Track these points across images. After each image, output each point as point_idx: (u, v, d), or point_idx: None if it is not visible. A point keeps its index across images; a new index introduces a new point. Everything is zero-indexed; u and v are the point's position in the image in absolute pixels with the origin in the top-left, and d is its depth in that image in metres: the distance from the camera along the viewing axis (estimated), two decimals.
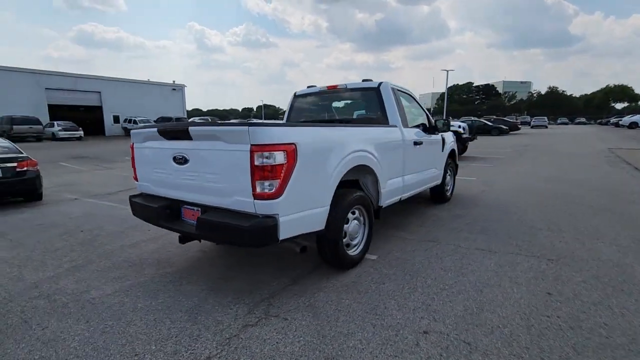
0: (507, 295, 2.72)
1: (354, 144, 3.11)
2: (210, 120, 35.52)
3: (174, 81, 39.24)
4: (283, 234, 2.48)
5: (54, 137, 25.50)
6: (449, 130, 5.00)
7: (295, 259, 3.49)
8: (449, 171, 5.82)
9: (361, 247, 3.38)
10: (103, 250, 3.94)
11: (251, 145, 2.32)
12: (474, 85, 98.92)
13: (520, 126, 34.32)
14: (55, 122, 26.41)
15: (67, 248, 4.05)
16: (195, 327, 2.39)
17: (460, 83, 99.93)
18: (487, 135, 26.04)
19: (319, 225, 2.80)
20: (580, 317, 2.42)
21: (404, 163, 4.07)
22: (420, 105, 4.97)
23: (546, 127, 43.95)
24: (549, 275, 3.06)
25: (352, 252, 3.27)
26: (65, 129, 26.07)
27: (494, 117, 39.54)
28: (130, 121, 31.33)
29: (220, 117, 70.09)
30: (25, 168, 6.57)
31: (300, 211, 2.59)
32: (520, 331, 2.27)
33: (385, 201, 3.75)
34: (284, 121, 5.05)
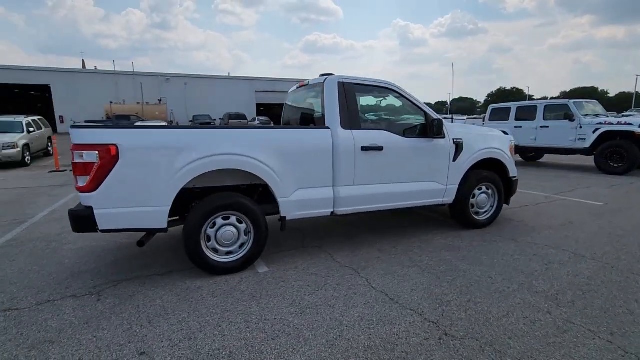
0: (287, 355, 2.08)
1: (215, 147, 2.97)
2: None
3: None
4: (103, 225, 2.77)
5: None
6: (438, 134, 3.74)
7: None
8: (484, 188, 4.32)
9: (240, 255, 3.21)
10: None
11: (71, 144, 2.71)
12: None
13: None
14: (256, 118, 33.67)
15: None
16: (50, 287, 3.02)
17: None
18: None
19: (157, 223, 2.90)
20: None
21: (336, 171, 3.45)
22: (417, 104, 3.93)
23: None
24: (399, 346, 2.07)
25: (222, 258, 3.16)
26: (261, 123, 32.96)
27: None
28: None
29: None
30: None
31: (125, 207, 2.80)
32: None
33: (292, 212, 3.34)
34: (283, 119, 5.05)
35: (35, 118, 13.70)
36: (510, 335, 2.22)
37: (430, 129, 3.78)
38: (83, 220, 2.75)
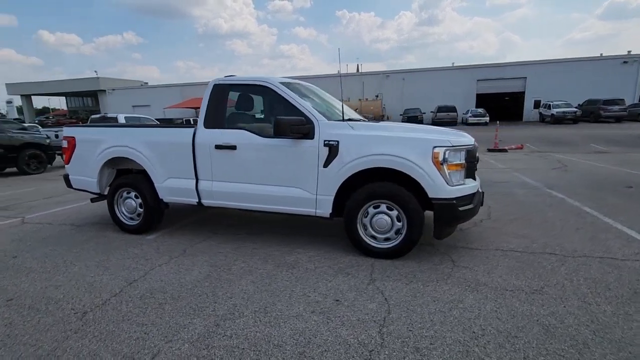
0: (20, 281, 3.07)
1: (115, 140, 4.13)
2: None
3: (629, 51, 30.32)
4: (74, 185, 4.59)
5: (464, 122, 30.09)
6: (287, 134, 3.16)
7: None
8: (383, 207, 3.26)
9: (137, 222, 4.27)
10: None
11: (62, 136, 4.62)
12: None
13: None
14: (469, 110, 30.72)
15: None
16: (79, 219, 5.18)
17: None
18: None
19: (95, 189, 4.42)
20: None
21: (196, 166, 3.82)
22: (292, 103, 3.51)
23: None
24: None
25: (129, 222, 4.32)
26: (474, 115, 29.77)
27: None
28: (547, 106, 29.31)
29: None
30: None
31: (79, 176, 4.48)
32: None
33: (166, 197, 4.05)
34: None
35: None
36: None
37: (280, 128, 3.29)
38: (66, 181, 4.66)
